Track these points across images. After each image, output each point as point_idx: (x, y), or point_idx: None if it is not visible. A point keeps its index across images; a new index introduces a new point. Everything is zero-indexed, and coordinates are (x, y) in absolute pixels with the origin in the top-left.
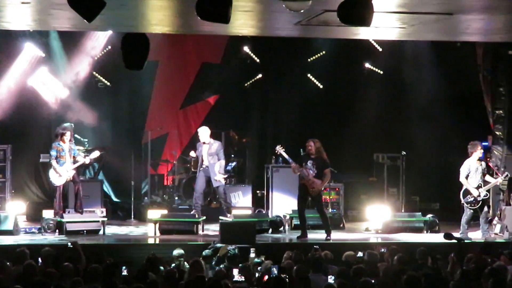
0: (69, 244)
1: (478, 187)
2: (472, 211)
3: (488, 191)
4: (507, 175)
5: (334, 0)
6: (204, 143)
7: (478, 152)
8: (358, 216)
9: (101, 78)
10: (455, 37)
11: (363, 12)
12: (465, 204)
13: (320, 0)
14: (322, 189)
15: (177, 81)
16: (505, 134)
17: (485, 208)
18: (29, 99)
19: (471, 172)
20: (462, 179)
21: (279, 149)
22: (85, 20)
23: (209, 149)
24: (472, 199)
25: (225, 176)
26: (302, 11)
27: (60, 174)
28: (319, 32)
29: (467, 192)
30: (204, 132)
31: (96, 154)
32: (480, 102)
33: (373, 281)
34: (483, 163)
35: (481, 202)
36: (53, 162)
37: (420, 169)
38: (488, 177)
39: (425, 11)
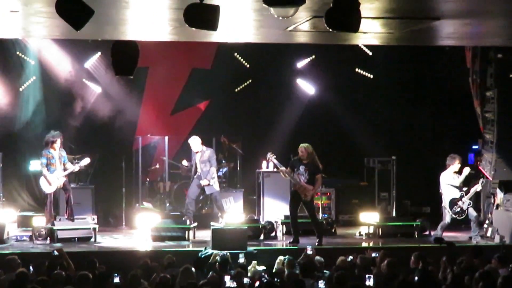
0: (54, 251)
1: (460, 197)
2: (449, 220)
3: (471, 198)
4: (483, 181)
5: (322, 6)
6: (196, 152)
7: (455, 166)
8: (349, 221)
9: (92, 84)
10: (443, 42)
11: (351, 18)
12: (453, 215)
13: (308, 6)
14: (314, 194)
15: (167, 87)
16: (495, 138)
17: (474, 213)
18: (20, 106)
19: (450, 184)
20: (444, 190)
21: (270, 157)
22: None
23: (201, 157)
24: (458, 209)
25: (211, 181)
26: (290, 17)
27: (51, 182)
28: (307, 37)
29: (453, 203)
30: (194, 142)
31: (86, 161)
32: (469, 105)
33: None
34: (459, 175)
35: (467, 211)
36: (44, 170)
37: (411, 173)
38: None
39: (412, 16)
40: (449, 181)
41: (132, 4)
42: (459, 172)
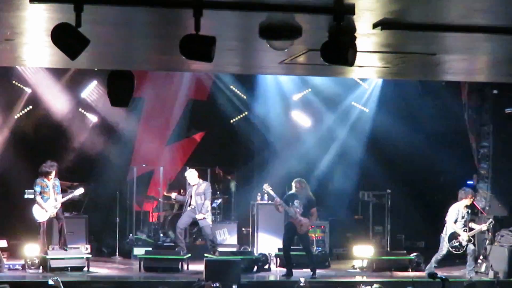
0: (50, 281)
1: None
2: (445, 252)
3: (473, 236)
4: (491, 221)
5: (318, 40)
6: (193, 185)
7: (467, 201)
8: (343, 254)
9: (87, 114)
10: (439, 77)
11: (346, 52)
12: (450, 249)
13: (304, 40)
14: (309, 227)
15: (163, 117)
16: (490, 173)
17: (472, 246)
18: (15, 134)
19: (458, 217)
20: (450, 222)
21: (266, 188)
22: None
23: (197, 189)
24: (457, 243)
25: (206, 215)
26: (286, 50)
27: (46, 210)
28: (303, 70)
29: (453, 237)
30: (191, 175)
31: (80, 190)
32: (465, 140)
33: None
34: (469, 210)
35: (465, 247)
36: (38, 198)
37: (405, 207)
38: (472, 224)
39: (408, 51)
40: (458, 214)
41: (127, 34)
42: (471, 206)
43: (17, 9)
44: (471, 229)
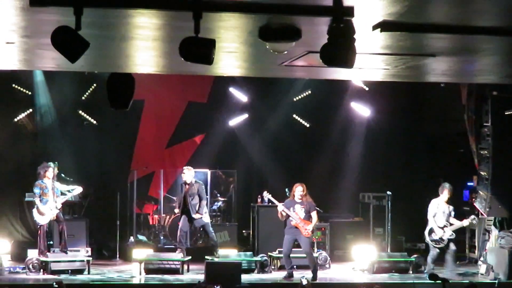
0: (54, 283)
1: (443, 227)
2: (437, 250)
3: (455, 231)
4: (474, 218)
5: (317, 42)
6: (186, 184)
7: (443, 196)
8: (344, 256)
9: (87, 116)
10: (438, 78)
11: (345, 54)
12: (429, 242)
13: (304, 42)
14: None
15: (163, 120)
16: (490, 175)
17: (453, 247)
18: (14, 137)
19: (438, 212)
20: (429, 217)
21: (267, 195)
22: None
23: (190, 190)
24: (437, 237)
25: (202, 215)
26: (285, 52)
27: (44, 213)
28: (303, 72)
29: (432, 230)
30: (190, 174)
31: (78, 190)
32: (465, 142)
33: None
34: (451, 207)
35: (446, 241)
36: (37, 201)
37: (406, 209)
38: (452, 220)
39: (408, 53)
40: (435, 209)
41: (128, 37)
42: (449, 202)
43: (18, 12)
44: (451, 225)
